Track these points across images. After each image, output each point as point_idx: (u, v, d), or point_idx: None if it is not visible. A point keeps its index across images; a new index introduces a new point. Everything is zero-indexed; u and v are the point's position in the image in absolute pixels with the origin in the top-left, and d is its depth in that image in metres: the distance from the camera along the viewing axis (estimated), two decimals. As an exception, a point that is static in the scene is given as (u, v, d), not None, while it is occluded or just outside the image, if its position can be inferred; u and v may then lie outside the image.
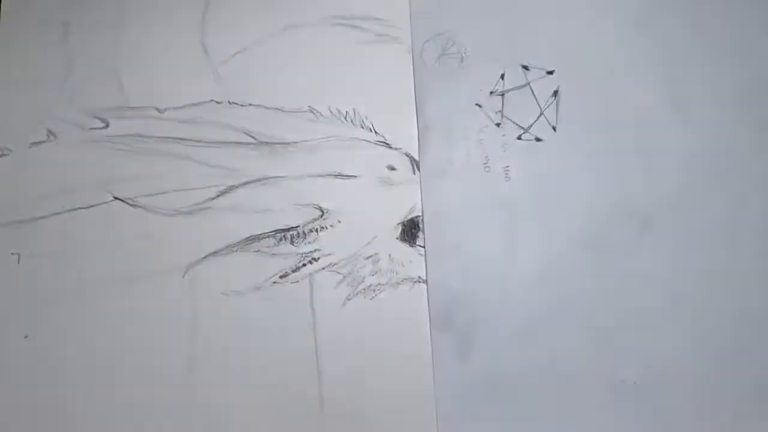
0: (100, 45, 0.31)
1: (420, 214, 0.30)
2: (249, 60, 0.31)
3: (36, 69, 0.30)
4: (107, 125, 0.30)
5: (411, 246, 0.29)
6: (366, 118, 0.30)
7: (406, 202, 0.30)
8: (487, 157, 0.31)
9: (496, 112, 0.31)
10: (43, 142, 0.30)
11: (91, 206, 0.29)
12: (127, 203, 0.29)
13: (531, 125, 0.31)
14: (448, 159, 0.30)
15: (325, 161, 0.30)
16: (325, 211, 0.29)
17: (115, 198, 0.29)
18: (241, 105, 0.30)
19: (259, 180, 0.30)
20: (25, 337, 0.27)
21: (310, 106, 0.31)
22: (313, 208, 0.29)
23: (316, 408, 0.27)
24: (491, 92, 0.31)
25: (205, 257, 0.28)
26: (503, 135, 0.31)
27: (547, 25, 0.32)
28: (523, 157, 0.31)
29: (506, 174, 0.30)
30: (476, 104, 0.31)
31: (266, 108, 0.30)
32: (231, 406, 0.27)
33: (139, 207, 0.29)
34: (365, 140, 0.30)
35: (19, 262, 0.28)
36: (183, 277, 0.28)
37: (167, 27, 0.31)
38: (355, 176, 0.30)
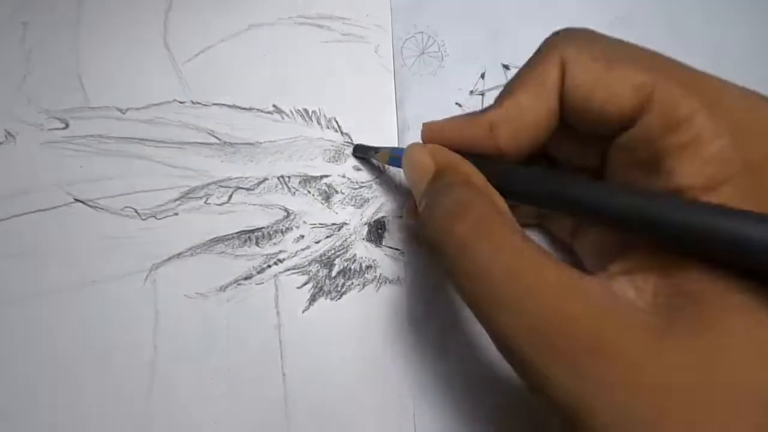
0: (60, 45, 0.30)
1: (386, 214, 0.29)
2: (213, 59, 0.31)
3: (-7, 69, 0.30)
4: (67, 126, 0.29)
5: (377, 246, 0.29)
6: (332, 118, 0.30)
7: (373, 202, 0.29)
8: None
9: None
10: (2, 143, 0.29)
11: (52, 208, 0.28)
12: (89, 205, 0.29)
13: None
14: None
15: (291, 161, 0.30)
16: (290, 212, 0.29)
17: (76, 200, 0.29)
18: (205, 105, 0.30)
19: (223, 181, 0.29)
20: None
21: (275, 106, 0.30)
22: (278, 209, 0.29)
23: (281, 411, 0.27)
24: (471, 92, 0.31)
25: (168, 259, 0.28)
26: None
27: (528, 25, 0.32)
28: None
29: None
30: (456, 103, 0.31)
31: (231, 108, 0.30)
32: (194, 410, 0.27)
33: (101, 209, 0.28)
34: (331, 140, 0.30)
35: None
36: (146, 280, 0.28)
37: (129, 26, 0.31)
38: (321, 177, 0.30)
